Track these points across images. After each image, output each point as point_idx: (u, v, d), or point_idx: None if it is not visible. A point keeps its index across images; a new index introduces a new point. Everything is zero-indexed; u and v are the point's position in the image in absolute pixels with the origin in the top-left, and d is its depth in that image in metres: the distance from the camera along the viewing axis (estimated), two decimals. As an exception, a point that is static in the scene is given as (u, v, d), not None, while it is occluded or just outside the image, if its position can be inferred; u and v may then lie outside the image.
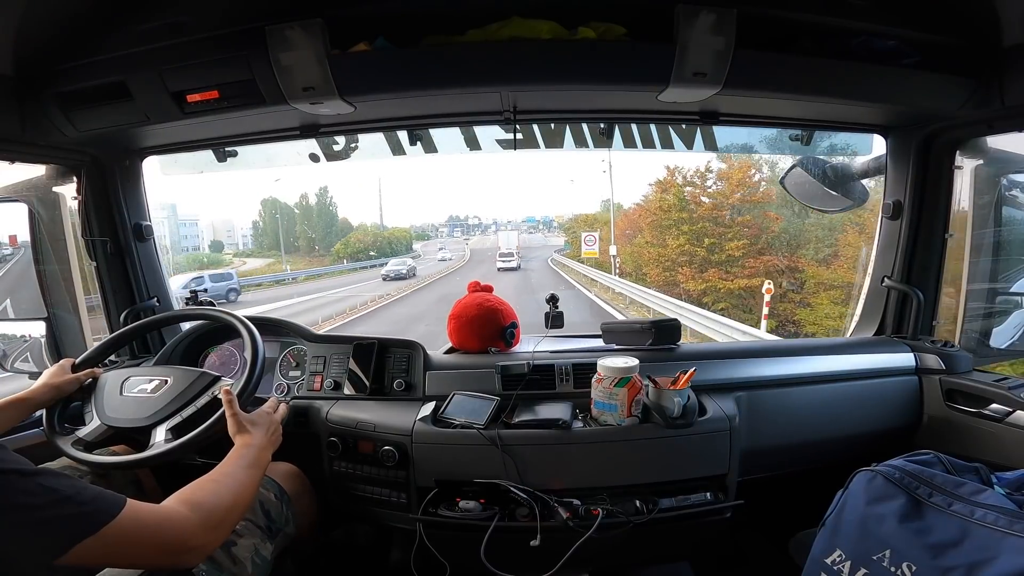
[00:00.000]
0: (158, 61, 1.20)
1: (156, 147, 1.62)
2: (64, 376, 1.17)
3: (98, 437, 1.11)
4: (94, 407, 1.15)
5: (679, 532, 1.23)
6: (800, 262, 13.06)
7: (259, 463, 0.98)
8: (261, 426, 1.04)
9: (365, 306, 15.07)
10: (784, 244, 13.66)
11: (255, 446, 0.99)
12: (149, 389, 1.15)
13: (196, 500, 0.82)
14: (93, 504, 0.70)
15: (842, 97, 1.30)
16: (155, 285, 1.71)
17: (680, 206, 15.03)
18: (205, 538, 0.80)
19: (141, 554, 0.75)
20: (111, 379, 1.20)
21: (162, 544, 0.75)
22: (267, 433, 1.04)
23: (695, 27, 1.11)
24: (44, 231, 1.55)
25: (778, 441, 1.39)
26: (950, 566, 0.82)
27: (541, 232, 40.39)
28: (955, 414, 1.40)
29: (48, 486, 0.67)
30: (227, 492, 0.87)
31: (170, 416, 1.09)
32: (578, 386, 1.34)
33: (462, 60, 1.19)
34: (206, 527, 0.80)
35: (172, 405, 1.11)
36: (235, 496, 0.88)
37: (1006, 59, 1.21)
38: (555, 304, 1.55)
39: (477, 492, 1.18)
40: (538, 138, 1.70)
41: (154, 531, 0.74)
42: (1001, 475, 0.96)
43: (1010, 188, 1.55)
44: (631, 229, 19.09)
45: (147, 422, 1.10)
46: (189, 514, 0.79)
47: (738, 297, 13.49)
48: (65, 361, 1.22)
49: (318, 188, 33.95)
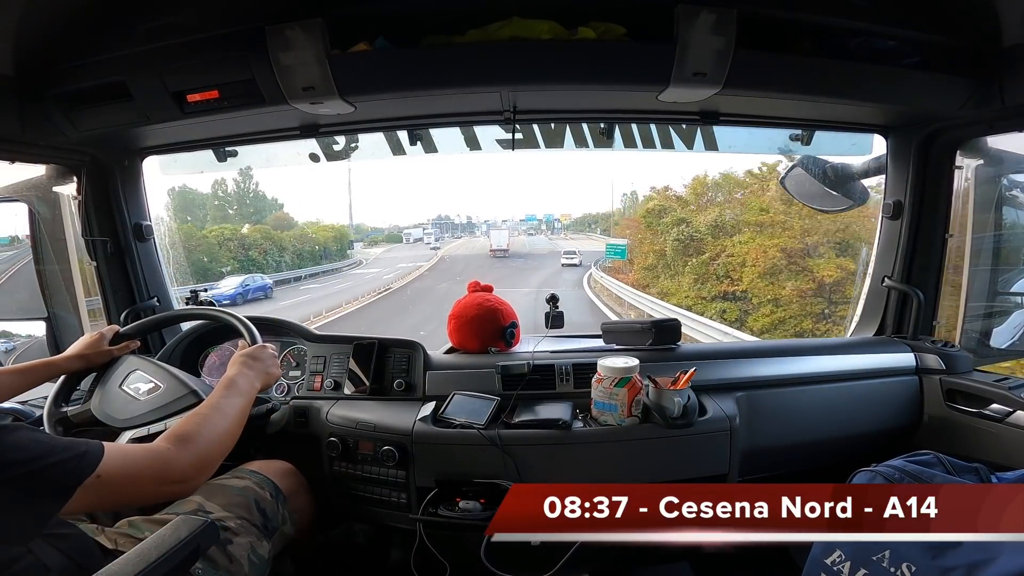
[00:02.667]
0: (158, 61, 1.20)
1: (156, 147, 1.62)
2: (100, 347, 1.19)
3: (79, 419, 1.14)
4: (97, 388, 1.17)
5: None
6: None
7: (246, 392, 1.00)
8: (258, 358, 1.07)
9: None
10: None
11: (246, 375, 1.02)
12: (143, 391, 1.14)
13: (180, 433, 0.86)
14: (79, 448, 0.73)
15: (842, 97, 1.30)
16: (155, 285, 1.71)
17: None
18: (192, 469, 0.84)
19: (138, 487, 0.79)
20: (125, 365, 1.20)
21: (154, 475, 0.79)
22: (262, 363, 1.07)
23: (695, 27, 1.11)
24: (44, 231, 1.55)
25: (778, 441, 1.39)
26: (950, 566, 0.82)
27: (543, 233, 35.95)
28: (955, 414, 1.40)
29: (35, 439, 0.70)
30: (211, 425, 0.90)
31: (140, 426, 1.08)
32: (578, 386, 1.34)
33: (462, 60, 1.19)
34: (192, 458, 0.84)
35: (147, 416, 1.10)
36: (220, 428, 0.91)
37: (1006, 59, 1.21)
38: (555, 304, 1.55)
39: (477, 492, 1.18)
40: (538, 138, 1.70)
41: (144, 464, 0.79)
42: (1001, 475, 0.96)
43: (1010, 188, 1.55)
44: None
45: (121, 424, 1.10)
46: (173, 447, 0.83)
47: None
48: (108, 329, 1.24)
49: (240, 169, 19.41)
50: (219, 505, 1.05)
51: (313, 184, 54.16)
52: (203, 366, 1.54)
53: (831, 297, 10.75)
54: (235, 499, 1.08)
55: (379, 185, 59.39)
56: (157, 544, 0.78)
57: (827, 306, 10.69)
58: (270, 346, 1.16)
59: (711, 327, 8.68)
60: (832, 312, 10.48)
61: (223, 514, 1.03)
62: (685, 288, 12.87)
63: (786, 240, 11.62)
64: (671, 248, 13.51)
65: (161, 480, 0.81)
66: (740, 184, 14.08)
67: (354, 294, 15.47)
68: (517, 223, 38.75)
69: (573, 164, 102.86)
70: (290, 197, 35.71)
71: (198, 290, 1.66)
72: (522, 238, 34.17)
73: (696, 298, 12.46)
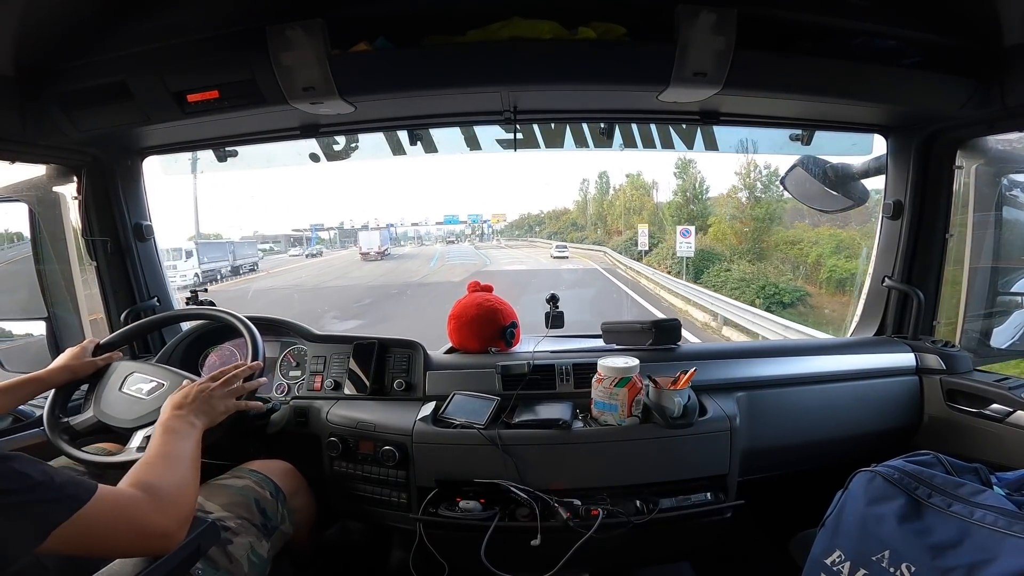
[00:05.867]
0: (158, 61, 1.20)
1: (156, 147, 1.62)
2: (83, 359, 1.18)
3: (85, 428, 1.13)
4: (94, 396, 1.16)
5: (679, 532, 1.23)
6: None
7: (189, 435, 0.93)
8: (190, 398, 1.00)
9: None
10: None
11: (180, 417, 0.96)
12: (145, 391, 1.15)
13: (144, 481, 0.80)
14: (65, 490, 0.69)
15: (842, 97, 1.30)
16: (155, 285, 1.71)
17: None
18: (169, 520, 0.77)
19: (117, 539, 0.73)
20: (118, 371, 1.21)
21: (137, 530, 0.74)
22: (196, 403, 0.99)
23: (695, 27, 1.11)
24: (44, 231, 1.55)
25: (778, 441, 1.39)
26: (950, 567, 0.82)
27: (469, 240, 27.29)
28: (955, 414, 1.40)
29: (21, 471, 0.66)
30: (167, 472, 0.84)
31: (151, 423, 1.06)
32: (578, 386, 1.34)
33: (462, 60, 1.19)
34: (164, 505, 0.78)
35: (156, 414, 1.07)
36: (178, 473, 0.85)
37: (1006, 59, 1.21)
38: (555, 304, 1.55)
39: (477, 492, 1.18)
40: (538, 138, 1.71)
41: (127, 517, 0.73)
42: (1001, 475, 0.96)
43: (1010, 188, 1.55)
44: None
45: (131, 424, 1.10)
46: (143, 495, 0.77)
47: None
48: (88, 342, 1.23)
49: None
50: (219, 505, 1.05)
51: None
52: (203, 366, 1.54)
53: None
54: (235, 498, 1.08)
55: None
56: None
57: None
58: (241, 372, 1.09)
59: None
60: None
61: (223, 514, 1.03)
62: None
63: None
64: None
65: (140, 533, 0.74)
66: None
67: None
68: (432, 227, 29.97)
69: (501, 160, 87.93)
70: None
71: (198, 290, 1.66)
72: (435, 248, 26.39)
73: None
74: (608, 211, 25.95)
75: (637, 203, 24.08)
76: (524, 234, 27.60)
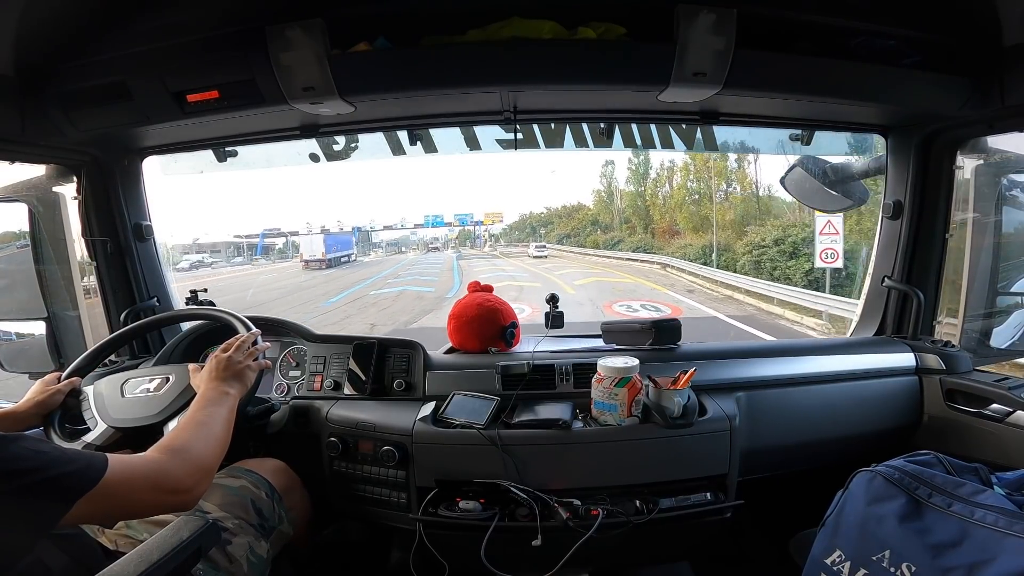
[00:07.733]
0: (158, 61, 1.20)
1: (156, 147, 1.62)
2: (47, 390, 1.13)
3: (107, 441, 1.08)
4: (96, 413, 1.12)
5: (679, 532, 1.23)
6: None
7: (224, 402, 0.99)
8: (223, 366, 1.05)
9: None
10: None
11: (215, 387, 1.01)
12: (152, 388, 1.14)
13: (171, 445, 0.86)
14: (83, 460, 0.72)
15: (842, 97, 1.30)
16: (155, 285, 1.71)
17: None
18: (189, 477, 0.83)
19: (139, 499, 0.77)
20: (107, 384, 1.17)
21: (151, 484, 0.78)
22: (228, 369, 1.05)
23: (695, 27, 1.11)
24: (44, 231, 1.55)
25: (778, 441, 1.39)
26: (950, 567, 0.82)
27: (454, 247, 22.72)
28: (955, 414, 1.40)
29: (35, 449, 0.69)
30: (199, 435, 0.90)
31: (182, 409, 1.07)
32: (578, 386, 1.34)
33: (462, 60, 1.19)
34: (187, 466, 0.83)
35: (181, 399, 1.09)
36: (210, 435, 0.91)
37: (1006, 59, 1.21)
38: (555, 304, 1.55)
39: (477, 492, 1.18)
40: (538, 138, 1.71)
41: (140, 474, 0.77)
42: (1001, 475, 0.96)
43: (1010, 188, 1.55)
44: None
45: (158, 419, 1.08)
46: (166, 456, 0.82)
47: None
48: (50, 376, 1.18)
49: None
50: (216, 505, 1.05)
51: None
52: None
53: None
54: (231, 499, 1.08)
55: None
56: (159, 545, 0.78)
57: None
58: (245, 339, 1.12)
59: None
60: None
61: (221, 514, 1.03)
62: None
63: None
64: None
65: (158, 488, 0.79)
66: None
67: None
68: (411, 229, 24.53)
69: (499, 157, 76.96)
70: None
71: (197, 290, 1.66)
72: (407, 256, 21.85)
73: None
74: (652, 203, 19.68)
75: (704, 186, 17.18)
76: (526, 237, 22.77)
